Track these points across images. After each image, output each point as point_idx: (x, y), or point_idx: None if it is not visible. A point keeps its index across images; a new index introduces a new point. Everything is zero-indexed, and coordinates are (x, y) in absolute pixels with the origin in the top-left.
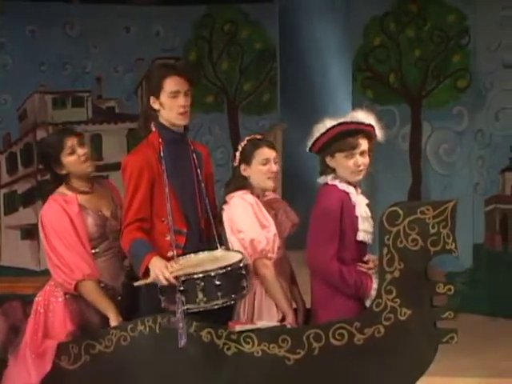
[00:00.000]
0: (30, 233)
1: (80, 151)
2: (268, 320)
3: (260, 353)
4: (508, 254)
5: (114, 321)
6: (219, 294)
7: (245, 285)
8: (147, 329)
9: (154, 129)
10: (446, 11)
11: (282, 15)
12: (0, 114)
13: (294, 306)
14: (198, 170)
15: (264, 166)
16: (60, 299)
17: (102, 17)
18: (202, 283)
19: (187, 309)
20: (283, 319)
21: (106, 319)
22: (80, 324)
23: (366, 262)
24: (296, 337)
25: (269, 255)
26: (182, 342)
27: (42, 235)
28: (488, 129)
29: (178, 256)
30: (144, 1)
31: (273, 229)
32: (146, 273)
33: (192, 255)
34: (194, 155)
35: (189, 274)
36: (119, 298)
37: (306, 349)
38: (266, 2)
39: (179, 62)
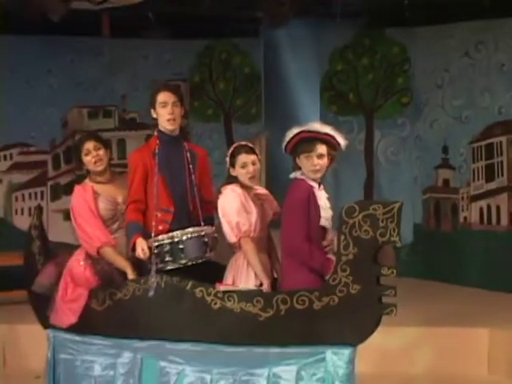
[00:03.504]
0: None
1: (94, 153)
2: (245, 284)
3: (239, 309)
4: (440, 231)
5: (130, 275)
6: (182, 255)
7: (207, 250)
8: (156, 283)
9: (155, 134)
10: (392, 44)
11: (266, 47)
12: (47, 123)
13: (276, 275)
14: (191, 166)
15: (243, 169)
16: (81, 263)
17: (126, 47)
18: (169, 247)
19: (161, 267)
20: (261, 285)
21: (124, 275)
22: (103, 279)
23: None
24: (267, 299)
25: (251, 235)
26: (151, 293)
27: (71, 216)
28: (425, 135)
29: (166, 229)
30: (159, 36)
31: (255, 214)
32: (134, 247)
33: (177, 231)
34: (188, 154)
35: (160, 241)
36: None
37: (275, 309)
38: (253, 37)
39: (183, 84)
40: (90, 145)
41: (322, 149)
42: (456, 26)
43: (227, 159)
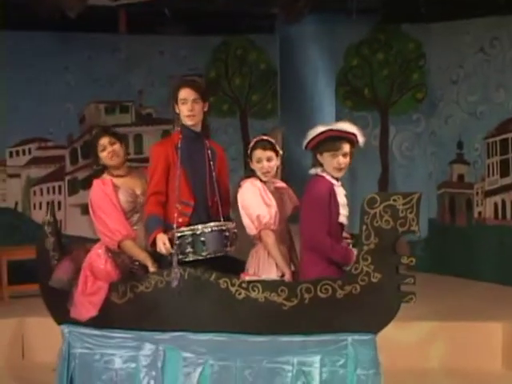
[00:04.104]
0: (88, 209)
1: (109, 149)
2: (267, 275)
3: (263, 299)
4: (455, 226)
5: (151, 267)
6: (203, 247)
7: (228, 244)
8: (179, 274)
9: (177, 128)
10: (407, 40)
11: (282, 43)
12: (65, 118)
13: (293, 268)
14: (211, 162)
15: (258, 164)
16: (101, 256)
17: (143, 43)
18: (191, 239)
19: (182, 258)
20: (283, 276)
21: (145, 268)
22: (124, 272)
23: (344, 237)
24: (291, 288)
25: (271, 227)
26: (175, 284)
27: (90, 210)
28: (440, 131)
29: (186, 221)
30: (175, 31)
31: (274, 207)
32: (154, 241)
33: (198, 225)
34: (209, 151)
35: (182, 232)
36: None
37: (299, 298)
38: (269, 34)
39: (193, 78)
40: (105, 140)
41: (347, 148)
42: (471, 22)
43: (249, 152)
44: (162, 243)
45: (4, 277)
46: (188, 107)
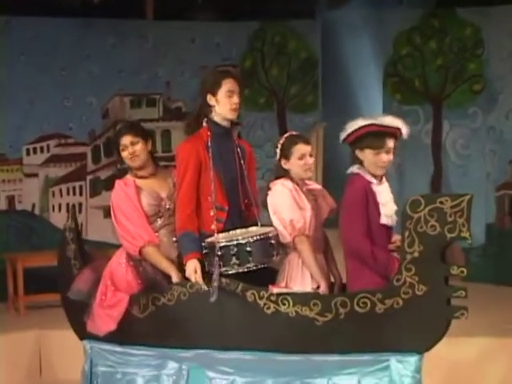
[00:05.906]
0: (110, 212)
1: (130, 149)
2: (301, 287)
3: (294, 313)
4: None
5: (175, 278)
6: (250, 258)
7: (274, 253)
8: (203, 287)
9: (205, 124)
10: (464, 25)
11: (324, 29)
12: (86, 113)
13: (332, 279)
14: (242, 161)
15: (301, 160)
16: (122, 265)
17: (171, 30)
18: (236, 249)
19: (225, 270)
20: (318, 288)
21: (168, 278)
22: (146, 282)
23: (392, 242)
24: (325, 302)
25: (306, 233)
26: (213, 298)
27: (111, 213)
28: (499, 126)
29: (220, 228)
30: (207, 17)
31: (309, 210)
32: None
33: (236, 231)
34: (238, 149)
35: (225, 242)
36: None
37: (334, 313)
38: (309, 19)
39: (234, 70)
40: (126, 140)
41: (391, 143)
42: None
43: (277, 151)
44: (194, 271)
45: (20, 285)
46: (235, 100)
